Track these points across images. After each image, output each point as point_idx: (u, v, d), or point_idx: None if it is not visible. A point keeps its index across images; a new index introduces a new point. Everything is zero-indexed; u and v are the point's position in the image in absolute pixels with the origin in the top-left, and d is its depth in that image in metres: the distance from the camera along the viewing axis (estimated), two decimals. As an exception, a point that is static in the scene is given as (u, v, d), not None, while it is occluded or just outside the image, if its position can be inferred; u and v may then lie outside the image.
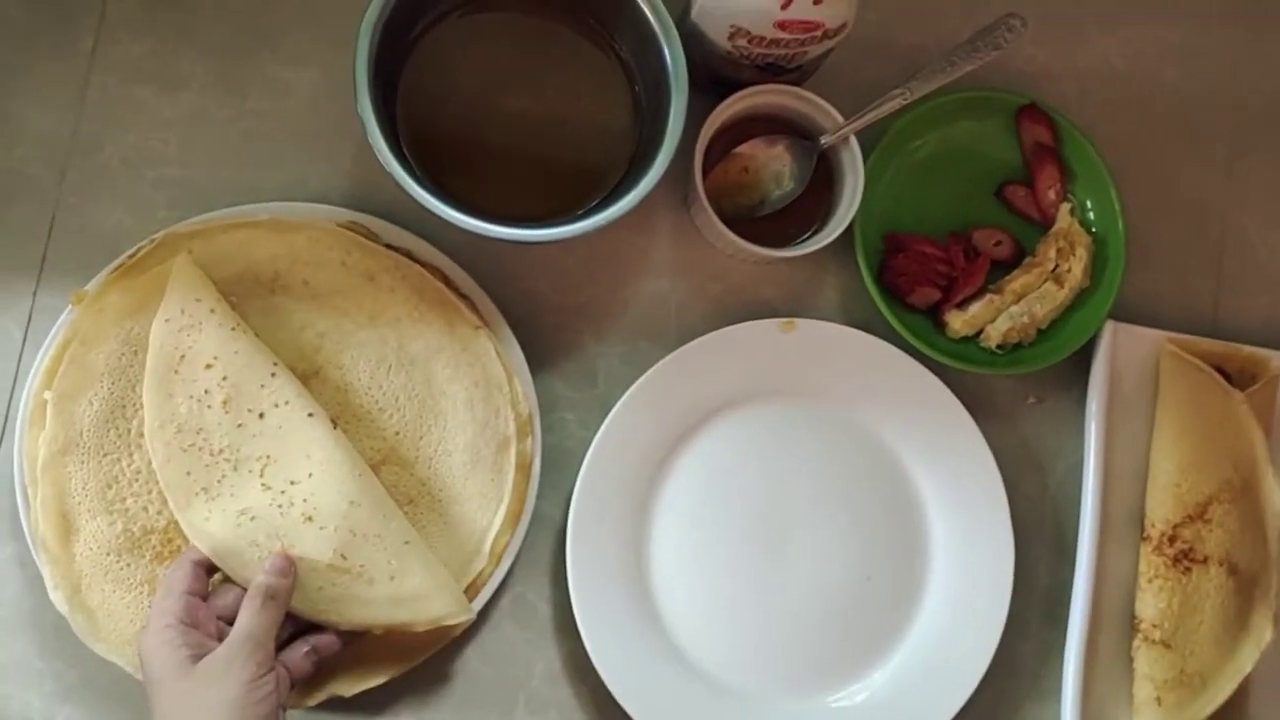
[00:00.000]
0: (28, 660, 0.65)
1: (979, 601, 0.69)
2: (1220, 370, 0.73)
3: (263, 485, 0.61)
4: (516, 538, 0.67)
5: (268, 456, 0.61)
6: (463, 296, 0.68)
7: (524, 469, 0.67)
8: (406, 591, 0.61)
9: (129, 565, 0.63)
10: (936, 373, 0.70)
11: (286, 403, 0.62)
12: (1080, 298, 0.72)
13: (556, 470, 0.69)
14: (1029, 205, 0.74)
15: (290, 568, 0.59)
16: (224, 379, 0.62)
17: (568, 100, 0.69)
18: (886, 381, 0.71)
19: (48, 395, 0.63)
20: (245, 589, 0.59)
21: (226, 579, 0.60)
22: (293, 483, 0.61)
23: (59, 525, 0.63)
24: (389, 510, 0.63)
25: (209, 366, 0.62)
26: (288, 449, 0.61)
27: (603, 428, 0.68)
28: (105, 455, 0.63)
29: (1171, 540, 0.70)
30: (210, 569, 0.60)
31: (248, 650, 0.55)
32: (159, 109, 0.69)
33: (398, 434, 0.66)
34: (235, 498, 0.61)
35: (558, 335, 0.71)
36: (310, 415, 0.62)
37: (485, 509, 0.66)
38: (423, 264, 0.67)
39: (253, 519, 0.60)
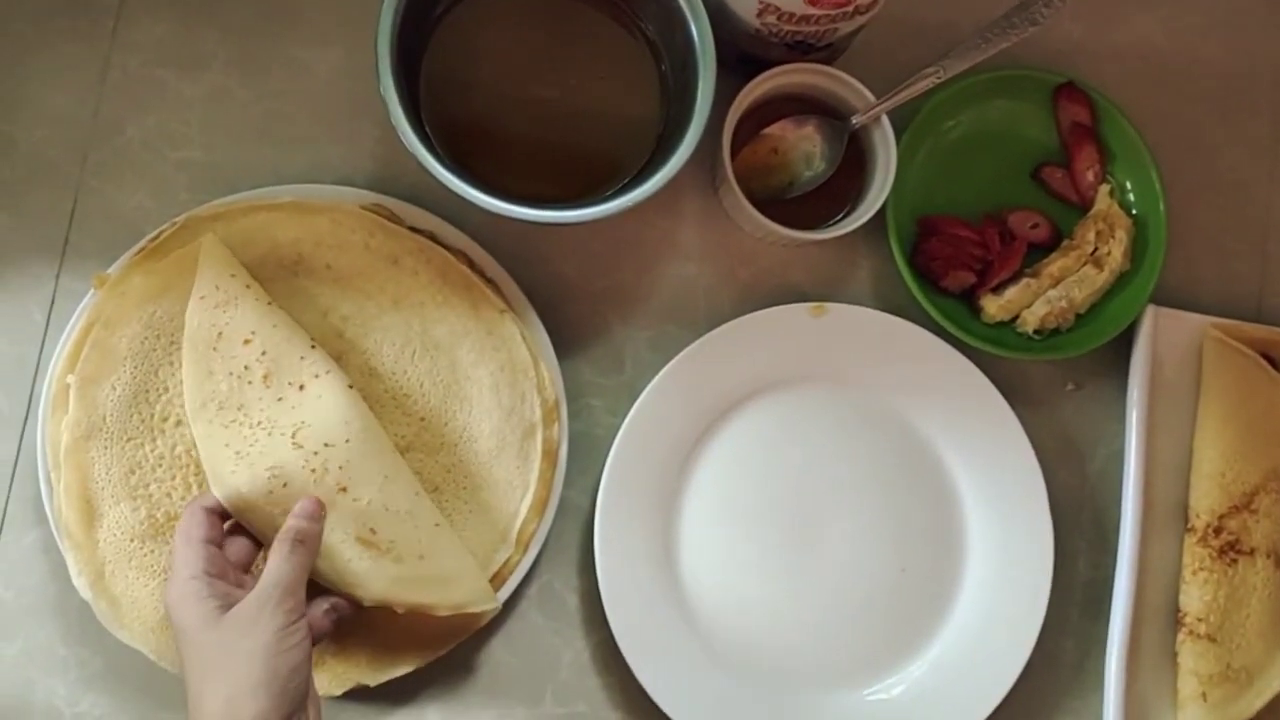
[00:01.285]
0: (52, 647, 0.64)
1: (1017, 594, 0.68)
2: (1266, 356, 0.71)
3: (294, 444, 0.59)
4: (543, 526, 0.66)
5: (302, 422, 0.60)
6: (487, 280, 0.67)
7: (550, 455, 0.66)
8: (434, 573, 0.60)
9: (153, 552, 0.62)
10: (971, 358, 0.69)
11: (327, 373, 0.61)
12: (1120, 281, 0.71)
13: (584, 457, 0.68)
14: (1066, 187, 0.72)
15: (321, 512, 0.57)
16: (263, 354, 0.61)
17: (592, 80, 0.68)
18: (920, 368, 0.69)
19: (70, 380, 0.63)
20: (256, 540, 0.58)
21: (233, 529, 0.59)
22: (327, 445, 0.59)
23: (82, 511, 0.62)
24: (420, 490, 0.62)
25: (247, 342, 0.61)
26: (326, 416, 0.60)
27: (630, 414, 0.66)
28: (129, 440, 0.63)
29: (1217, 531, 0.68)
30: (224, 516, 0.58)
31: (277, 598, 0.53)
32: (180, 90, 0.69)
33: (423, 419, 0.65)
34: (264, 454, 0.59)
35: (584, 320, 0.70)
36: (350, 387, 0.61)
37: (511, 496, 0.65)
38: (447, 247, 0.66)
39: (284, 485, 0.59)
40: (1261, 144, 0.76)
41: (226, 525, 0.59)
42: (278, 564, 0.55)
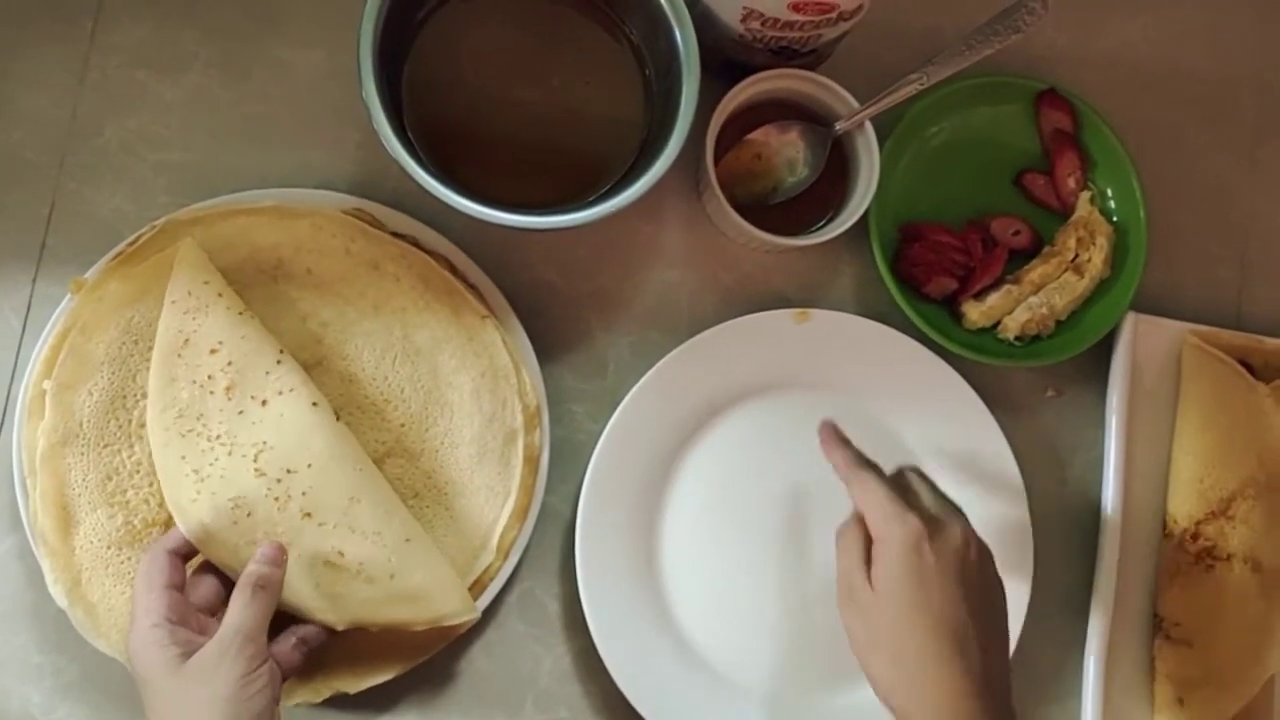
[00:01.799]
0: (27, 655, 0.64)
1: (996, 598, 0.68)
2: (1244, 363, 0.71)
3: (256, 470, 0.59)
4: (524, 532, 0.65)
5: (263, 443, 0.60)
6: (469, 285, 0.66)
7: (532, 462, 0.66)
8: (407, 590, 0.60)
9: (129, 559, 0.62)
10: (953, 364, 0.69)
11: (291, 390, 0.61)
12: (1100, 288, 0.71)
13: (565, 464, 0.68)
14: (1048, 193, 0.72)
15: (282, 557, 0.57)
16: (229, 364, 0.60)
17: (576, 85, 0.68)
18: (902, 373, 0.69)
19: (47, 385, 0.62)
20: (224, 577, 0.58)
21: (200, 568, 0.59)
22: (289, 471, 0.59)
23: (59, 518, 0.61)
24: (391, 506, 0.61)
25: (214, 351, 0.61)
26: (287, 437, 0.60)
27: (612, 420, 0.66)
28: (105, 447, 0.62)
29: (1194, 537, 0.69)
30: (186, 556, 0.58)
31: (238, 645, 0.53)
32: (160, 92, 0.68)
33: (403, 426, 0.65)
34: (225, 481, 0.59)
35: (566, 326, 0.69)
36: (314, 405, 0.61)
37: (492, 503, 0.65)
38: (429, 252, 0.66)
39: (249, 514, 0.59)
40: (1242, 151, 0.76)
41: (194, 562, 0.59)
42: (238, 610, 0.54)
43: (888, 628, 0.54)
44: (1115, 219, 0.72)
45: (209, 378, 0.60)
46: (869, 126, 0.67)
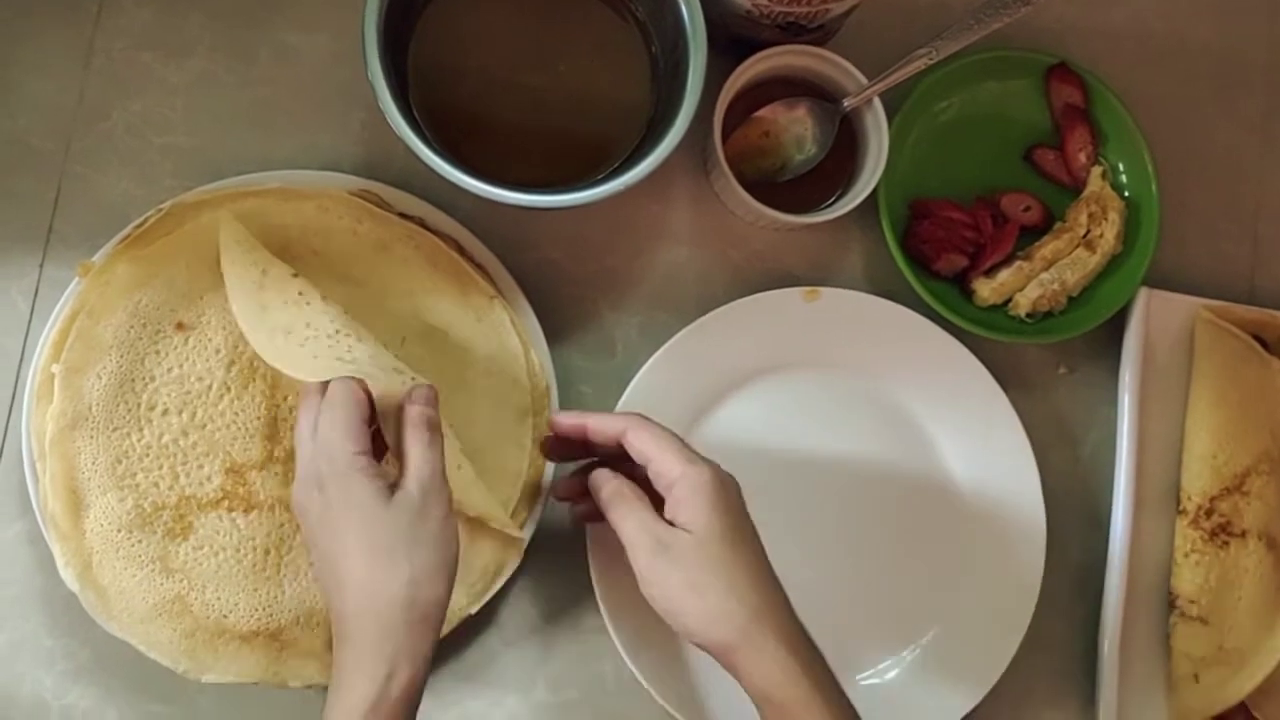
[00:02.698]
0: (38, 639, 0.64)
1: (1010, 577, 0.68)
2: (1257, 338, 0.71)
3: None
4: (535, 513, 0.65)
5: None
6: (477, 266, 0.66)
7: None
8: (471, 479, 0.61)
9: (140, 542, 0.61)
10: (964, 342, 0.69)
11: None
12: (1112, 264, 0.70)
13: (574, 444, 0.67)
14: (1059, 169, 0.72)
15: (435, 397, 0.56)
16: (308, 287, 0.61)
17: (582, 63, 0.67)
18: (913, 351, 0.69)
19: (55, 369, 0.62)
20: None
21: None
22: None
23: (68, 501, 0.61)
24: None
25: (295, 274, 0.62)
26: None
27: (621, 401, 0.66)
28: (115, 430, 0.62)
29: (1208, 513, 0.68)
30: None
31: (438, 485, 0.53)
32: (165, 75, 0.68)
33: (412, 407, 0.65)
34: (372, 358, 0.59)
35: (574, 306, 0.69)
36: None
37: (503, 484, 0.65)
38: (436, 233, 0.66)
39: (403, 377, 0.58)
40: (1254, 125, 0.75)
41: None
42: (423, 453, 0.53)
43: (714, 561, 0.54)
44: (1127, 194, 0.71)
45: (299, 293, 0.61)
46: (877, 103, 0.67)
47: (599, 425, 0.59)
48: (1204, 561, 0.68)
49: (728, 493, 0.56)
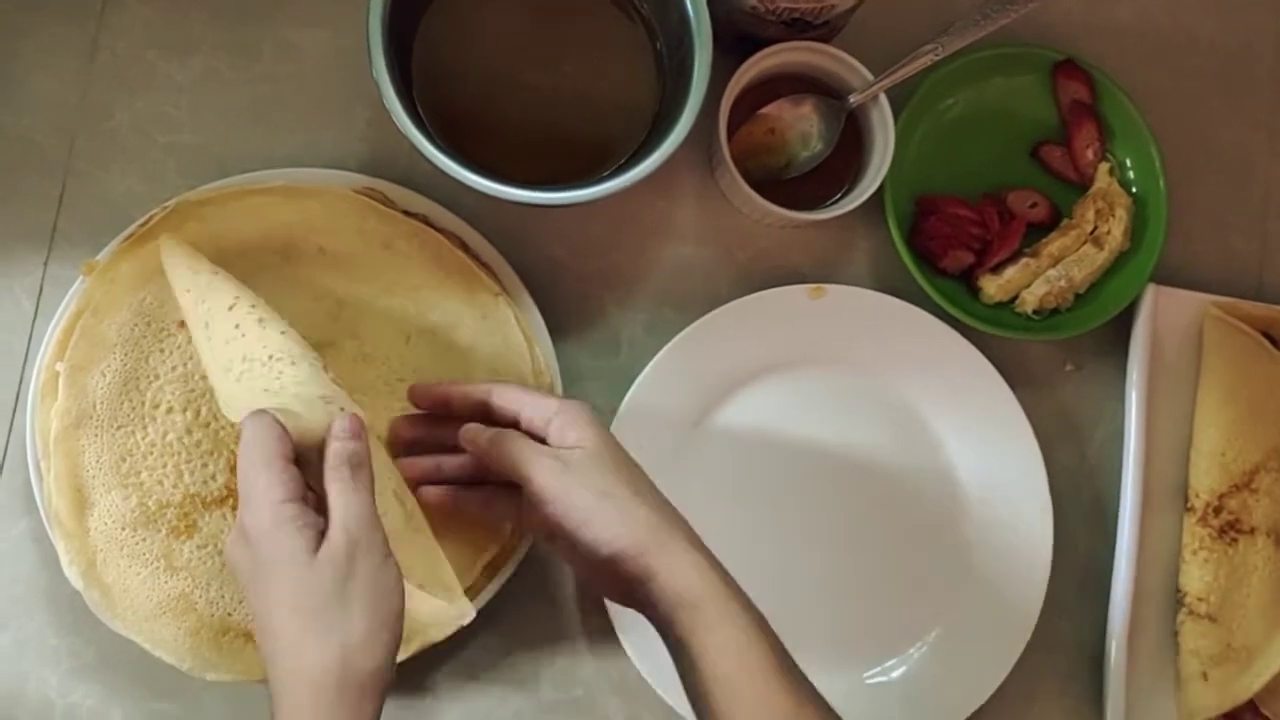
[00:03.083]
0: (43, 637, 0.64)
1: (1016, 575, 0.67)
2: (1266, 334, 0.70)
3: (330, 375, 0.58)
4: (540, 511, 0.65)
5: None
6: (482, 264, 0.66)
7: (546, 440, 0.65)
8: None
9: (144, 540, 0.61)
10: (970, 339, 0.68)
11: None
12: (1120, 261, 0.70)
13: (579, 442, 0.67)
14: (1065, 165, 0.71)
15: (361, 429, 0.51)
16: (252, 306, 0.59)
17: (586, 60, 0.67)
18: (919, 348, 0.69)
19: (60, 367, 0.62)
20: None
21: None
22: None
23: (73, 500, 0.61)
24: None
25: (231, 308, 0.59)
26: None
27: (627, 399, 0.66)
28: (119, 428, 0.62)
29: (1217, 511, 0.68)
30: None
31: (364, 532, 0.47)
32: (169, 73, 0.68)
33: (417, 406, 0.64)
34: (305, 384, 0.55)
35: (579, 304, 0.69)
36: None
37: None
38: (441, 231, 0.65)
39: (340, 409, 0.54)
40: (1261, 121, 0.75)
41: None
42: (347, 497, 0.48)
43: (614, 470, 0.55)
44: (1134, 190, 0.71)
45: (235, 326, 0.58)
46: (883, 99, 0.67)
47: (462, 392, 0.59)
48: (1212, 559, 0.67)
49: (599, 419, 0.57)
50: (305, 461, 0.50)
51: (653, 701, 0.64)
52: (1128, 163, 0.71)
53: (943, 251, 0.69)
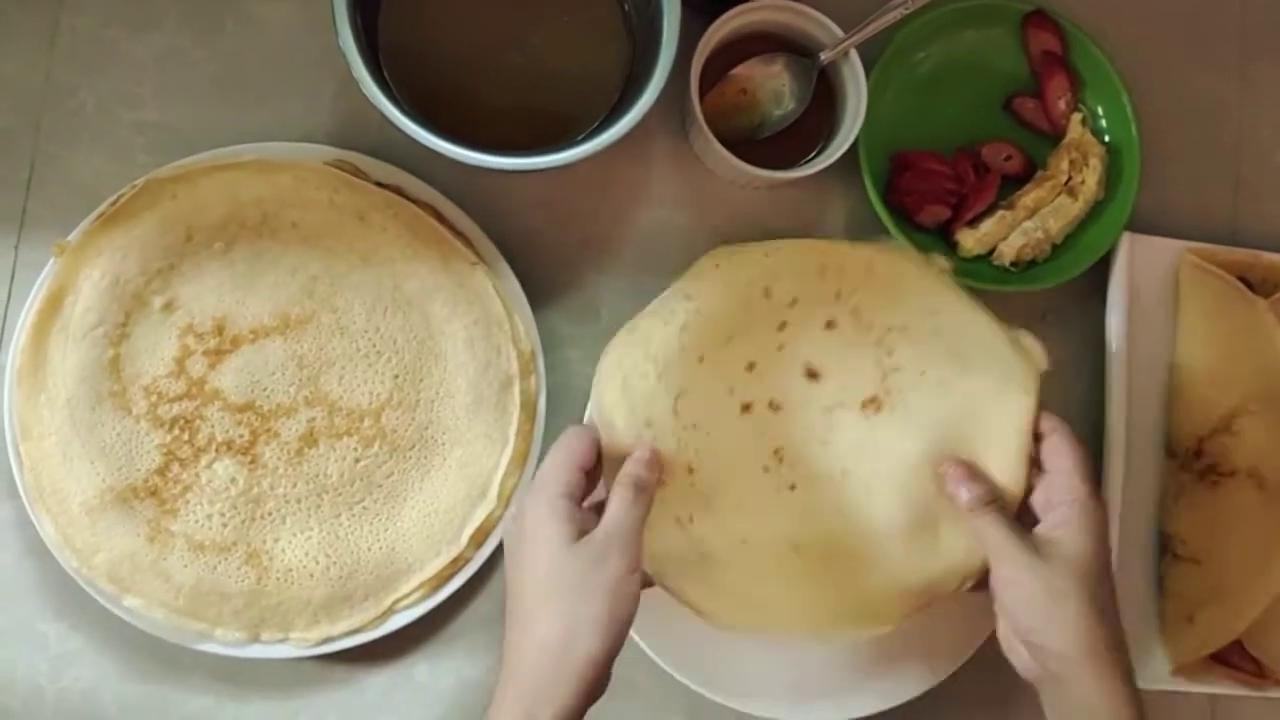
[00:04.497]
0: (31, 623, 0.63)
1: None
2: (1242, 279, 0.71)
3: (675, 411, 0.59)
4: (525, 479, 0.65)
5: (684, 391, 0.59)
6: (457, 233, 0.65)
7: (529, 408, 0.65)
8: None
9: (126, 514, 0.61)
10: (950, 293, 0.68)
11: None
12: (1095, 210, 0.70)
13: (563, 410, 0.67)
14: (1038, 117, 0.71)
15: (658, 464, 0.55)
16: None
17: (554, 25, 0.67)
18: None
19: (35, 350, 0.61)
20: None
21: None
22: (696, 425, 0.60)
23: (54, 482, 0.61)
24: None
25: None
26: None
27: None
28: (94, 409, 0.62)
29: (1197, 455, 0.68)
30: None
31: (624, 541, 0.52)
32: (132, 51, 0.67)
33: (397, 377, 0.64)
34: (649, 402, 0.58)
35: (557, 271, 0.69)
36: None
37: (491, 450, 0.65)
38: (415, 201, 0.65)
39: (654, 436, 0.57)
40: (1231, 67, 0.75)
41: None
42: (621, 510, 0.53)
43: (1081, 579, 0.53)
44: (1107, 140, 0.71)
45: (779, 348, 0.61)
46: (854, 55, 0.66)
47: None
48: (1195, 502, 0.68)
49: (1106, 532, 0.55)
50: (610, 469, 0.56)
51: (649, 668, 0.64)
52: (1100, 112, 0.71)
53: (919, 207, 0.69)
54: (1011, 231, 0.69)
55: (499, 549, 0.65)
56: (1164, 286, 0.71)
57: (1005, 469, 0.59)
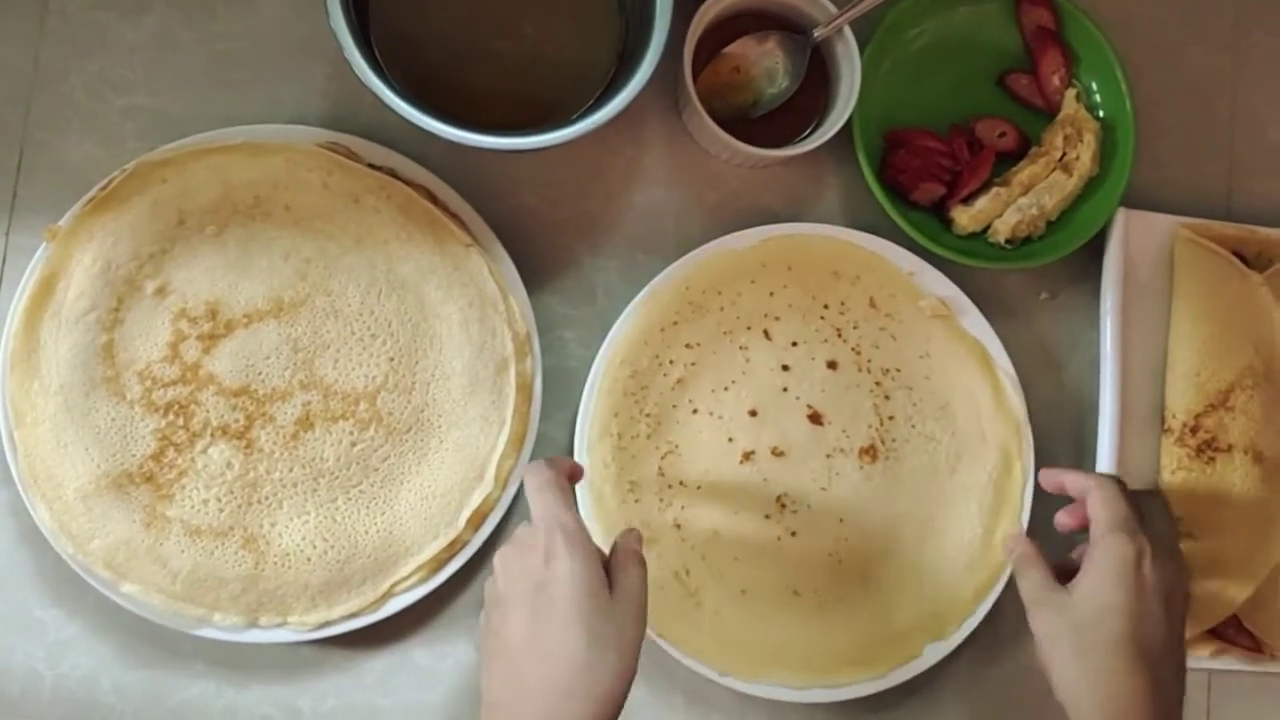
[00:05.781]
0: (28, 610, 0.63)
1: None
2: (1237, 254, 0.71)
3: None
4: (522, 461, 0.65)
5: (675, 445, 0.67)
6: (451, 215, 0.65)
7: (525, 390, 0.65)
8: None
9: (120, 501, 0.61)
10: (945, 270, 0.68)
11: None
12: (1090, 186, 0.70)
13: (559, 391, 0.67)
14: (1033, 93, 0.71)
15: (639, 542, 0.56)
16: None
17: (548, 3, 0.66)
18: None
19: (27, 336, 0.61)
20: None
21: None
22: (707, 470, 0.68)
23: (48, 469, 0.61)
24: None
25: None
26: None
27: (604, 343, 0.65)
28: (91, 394, 0.61)
29: (1194, 430, 0.68)
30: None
31: (641, 607, 0.53)
32: (122, 34, 0.66)
33: (393, 360, 0.64)
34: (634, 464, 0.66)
35: (552, 252, 0.68)
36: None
37: (488, 433, 0.64)
38: (408, 183, 0.65)
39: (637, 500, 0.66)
40: (1225, 41, 0.75)
41: None
42: (637, 574, 0.54)
43: (1100, 631, 0.55)
44: (1102, 115, 0.71)
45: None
46: (848, 32, 0.66)
47: (1073, 482, 0.61)
48: (1191, 478, 0.68)
49: (1138, 573, 0.56)
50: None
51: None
52: (1094, 87, 0.71)
53: (913, 184, 0.69)
54: (1006, 208, 0.69)
55: (498, 530, 0.65)
56: (1159, 262, 0.71)
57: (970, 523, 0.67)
